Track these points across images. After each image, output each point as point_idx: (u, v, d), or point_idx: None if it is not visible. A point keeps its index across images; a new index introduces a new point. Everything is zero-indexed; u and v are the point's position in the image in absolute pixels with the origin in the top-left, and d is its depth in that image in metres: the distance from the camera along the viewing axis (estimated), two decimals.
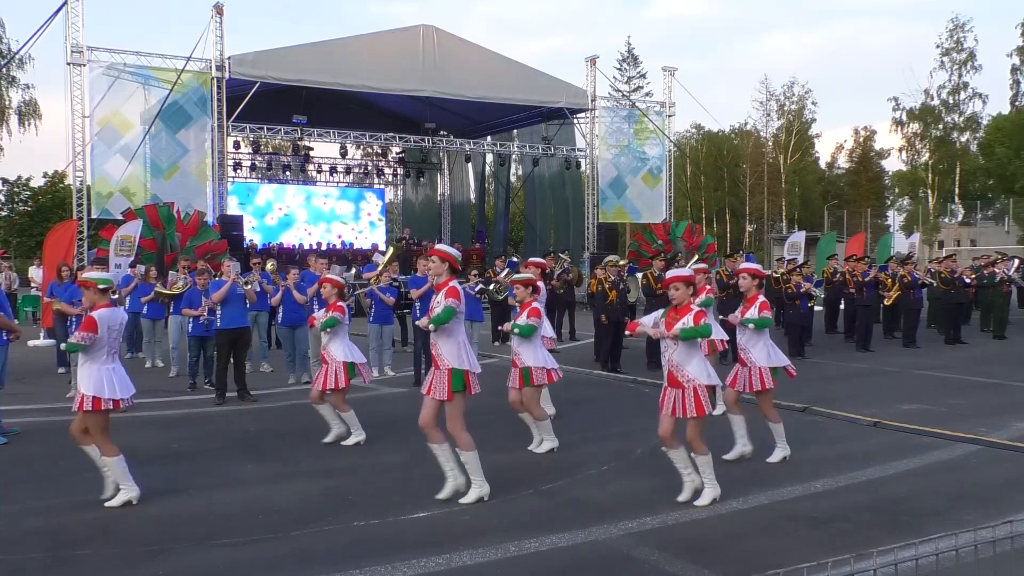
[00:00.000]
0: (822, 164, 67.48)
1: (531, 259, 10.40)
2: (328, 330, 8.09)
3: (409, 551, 5.12)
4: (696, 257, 15.32)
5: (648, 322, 6.20)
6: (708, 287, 9.73)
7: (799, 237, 25.84)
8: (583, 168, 28.66)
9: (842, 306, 17.28)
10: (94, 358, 6.10)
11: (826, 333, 17.57)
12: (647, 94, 51.39)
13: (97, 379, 6.06)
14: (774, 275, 15.81)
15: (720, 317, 9.25)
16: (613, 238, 27.99)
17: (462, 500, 6.08)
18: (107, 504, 6.10)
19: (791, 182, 60.20)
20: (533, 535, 5.40)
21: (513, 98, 25.67)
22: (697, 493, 6.03)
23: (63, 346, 6.30)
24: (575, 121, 27.83)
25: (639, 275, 15.38)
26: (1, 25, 42.33)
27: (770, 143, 61.36)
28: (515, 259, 19.81)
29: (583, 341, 16.09)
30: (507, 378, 7.87)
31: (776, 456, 7.21)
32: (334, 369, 7.97)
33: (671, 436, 6.00)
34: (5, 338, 8.45)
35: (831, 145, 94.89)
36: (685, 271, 6.73)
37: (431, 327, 6.10)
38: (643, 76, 57.57)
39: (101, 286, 6.33)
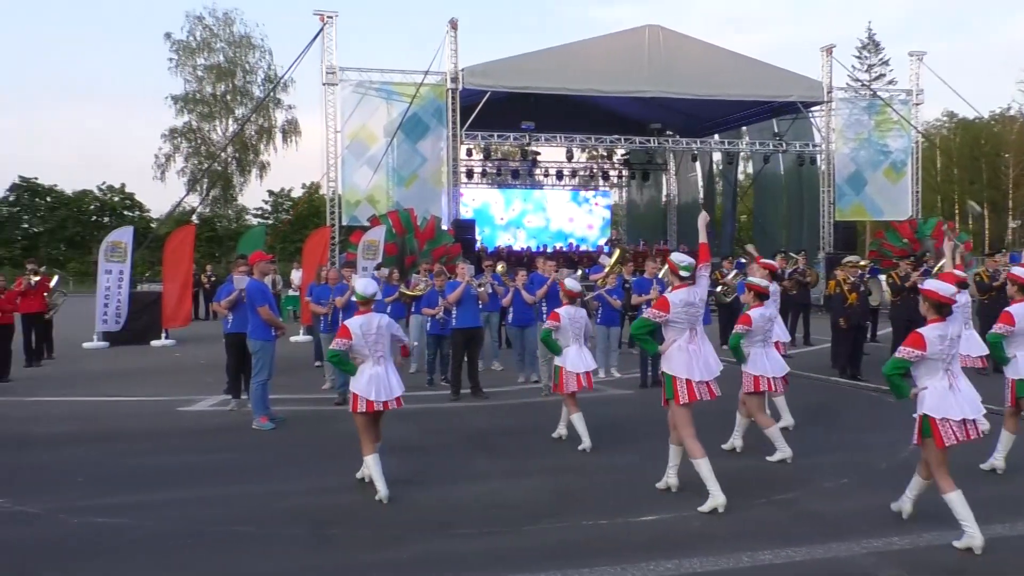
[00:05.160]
0: None
1: (762, 260, 9.76)
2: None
3: (638, 553, 5.11)
4: (948, 257, 13.96)
5: None
6: None
7: None
8: (818, 164, 27.15)
9: None
10: (359, 361, 6.52)
11: None
12: (890, 82, 47.70)
13: (359, 382, 6.47)
14: None
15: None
16: (851, 237, 26.33)
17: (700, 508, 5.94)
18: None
19: None
20: (766, 546, 5.20)
21: (741, 94, 24.89)
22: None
23: (328, 356, 6.80)
24: (809, 115, 26.45)
25: (882, 277, 14.33)
26: (269, 54, 47.23)
27: None
28: (743, 260, 19.14)
29: (819, 346, 15.24)
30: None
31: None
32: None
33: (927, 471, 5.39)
34: (274, 334, 9.43)
35: None
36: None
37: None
38: (885, 63, 53.66)
39: (354, 298, 6.80)
